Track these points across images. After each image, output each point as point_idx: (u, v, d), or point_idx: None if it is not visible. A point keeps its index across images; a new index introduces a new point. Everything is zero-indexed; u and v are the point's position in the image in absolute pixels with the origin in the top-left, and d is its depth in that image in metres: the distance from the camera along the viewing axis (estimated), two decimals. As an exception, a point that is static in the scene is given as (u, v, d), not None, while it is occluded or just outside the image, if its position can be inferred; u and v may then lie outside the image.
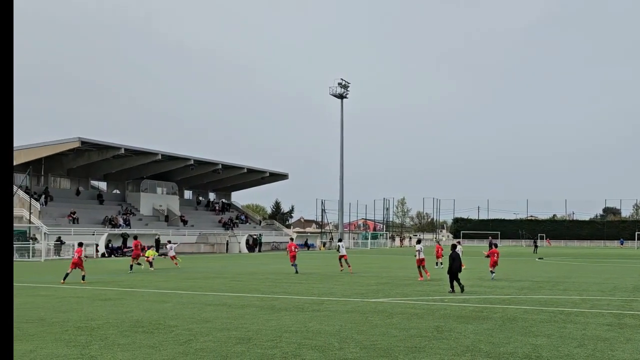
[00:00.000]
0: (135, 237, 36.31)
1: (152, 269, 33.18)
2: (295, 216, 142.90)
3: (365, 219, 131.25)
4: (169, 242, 40.19)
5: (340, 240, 36.33)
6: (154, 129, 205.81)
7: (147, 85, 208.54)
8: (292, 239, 34.63)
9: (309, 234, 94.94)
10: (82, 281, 24.27)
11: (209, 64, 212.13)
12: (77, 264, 24.70)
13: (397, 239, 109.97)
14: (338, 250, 32.50)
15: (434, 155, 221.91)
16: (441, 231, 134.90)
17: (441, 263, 33.09)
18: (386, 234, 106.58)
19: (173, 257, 37.45)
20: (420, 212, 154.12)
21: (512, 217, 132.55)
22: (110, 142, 62.47)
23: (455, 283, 20.87)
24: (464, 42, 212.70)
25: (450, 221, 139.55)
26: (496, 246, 28.20)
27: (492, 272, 26.85)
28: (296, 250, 31.29)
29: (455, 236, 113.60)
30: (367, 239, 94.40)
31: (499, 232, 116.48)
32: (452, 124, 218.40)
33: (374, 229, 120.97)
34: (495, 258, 26.94)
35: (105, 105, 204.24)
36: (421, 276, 25.98)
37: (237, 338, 11.48)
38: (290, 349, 10.46)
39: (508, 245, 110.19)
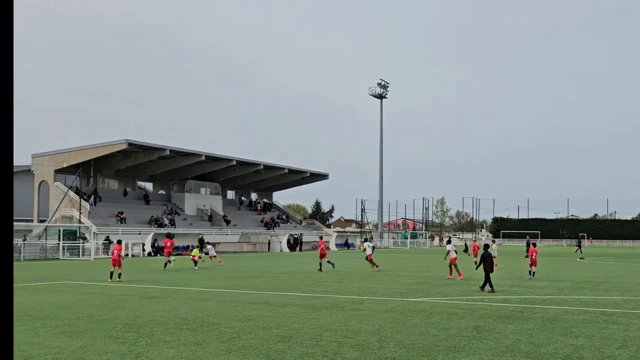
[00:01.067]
0: (168, 236, 36.93)
1: (196, 268, 33.60)
2: (335, 216, 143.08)
3: (405, 219, 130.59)
4: (208, 243, 41.24)
5: (366, 240, 36.39)
6: (196, 131, 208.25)
7: (189, 88, 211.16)
8: (321, 238, 35.31)
9: (349, 234, 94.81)
10: (118, 279, 24.34)
11: (250, 67, 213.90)
12: (117, 262, 24.62)
13: (437, 239, 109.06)
14: (364, 250, 32.65)
15: (473, 155, 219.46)
16: (481, 231, 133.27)
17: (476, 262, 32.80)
18: (425, 233, 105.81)
19: (213, 257, 38.33)
20: (460, 212, 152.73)
21: (552, 216, 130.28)
22: (156, 143, 63.38)
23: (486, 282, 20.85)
24: (499, 37, 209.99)
25: (489, 221, 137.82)
26: (534, 245, 27.71)
27: (531, 272, 26.43)
28: (326, 248, 31.75)
29: (495, 236, 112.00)
30: (407, 238, 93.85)
31: (539, 232, 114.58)
32: (492, 123, 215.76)
33: (414, 229, 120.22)
34: (534, 257, 26.53)
35: (150, 107, 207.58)
36: (451, 274, 26.11)
37: (278, 336, 11.54)
38: (331, 347, 10.47)
39: (548, 245, 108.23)
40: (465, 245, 58.01)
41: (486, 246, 21.82)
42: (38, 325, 12.81)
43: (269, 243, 68.09)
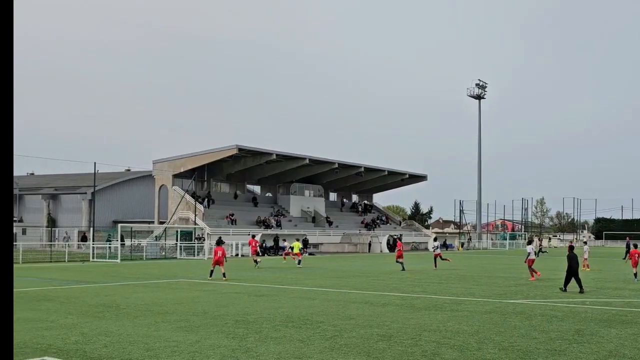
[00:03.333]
0: (253, 236, 38.46)
1: (299, 266, 34.53)
2: (434, 217, 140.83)
3: (504, 219, 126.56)
4: (284, 240, 43.59)
5: (435, 240, 37.30)
6: (299, 135, 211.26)
7: (292, 94, 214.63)
8: (400, 239, 35.96)
9: (447, 235, 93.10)
10: (209, 278, 24.77)
11: (349, 72, 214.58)
12: (219, 262, 24.79)
13: (536, 240, 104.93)
14: (434, 250, 34.30)
15: (573, 154, 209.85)
16: (582, 232, 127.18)
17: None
18: (525, 234, 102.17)
19: (286, 255, 40.37)
20: (560, 212, 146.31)
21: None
22: (264, 148, 64.89)
23: (575, 283, 20.46)
24: (596, 34, 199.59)
25: (591, 221, 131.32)
26: (635, 246, 26.11)
27: (635, 274, 24.97)
28: (402, 249, 32.75)
29: (598, 237, 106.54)
30: (505, 239, 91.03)
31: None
32: (592, 122, 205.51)
33: (512, 230, 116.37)
34: (636, 259, 25.07)
35: (257, 113, 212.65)
36: (532, 276, 25.39)
37: (379, 335, 11.53)
38: (430, 347, 10.34)
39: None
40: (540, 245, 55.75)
41: (571, 247, 21.25)
42: (158, 320, 13.43)
43: (369, 244, 68.03)
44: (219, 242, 26.62)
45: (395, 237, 71.06)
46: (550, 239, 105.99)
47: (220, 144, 63.15)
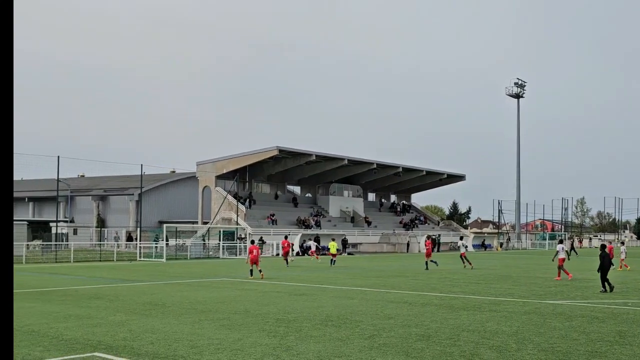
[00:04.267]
0: (286, 237, 39.26)
1: (333, 265, 35.36)
2: (472, 217, 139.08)
3: (543, 219, 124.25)
4: (310, 239, 44.97)
5: (461, 239, 37.67)
6: (337, 136, 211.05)
7: (331, 93, 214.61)
8: (428, 237, 38.10)
9: (485, 235, 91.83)
10: (250, 277, 24.98)
11: (385, 69, 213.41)
12: (255, 261, 25.04)
13: (576, 240, 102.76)
14: (459, 249, 35.45)
15: (615, 153, 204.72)
16: (624, 232, 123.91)
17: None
18: (564, 234, 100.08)
19: (312, 253, 41.30)
20: (601, 212, 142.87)
21: None
22: (303, 149, 65.10)
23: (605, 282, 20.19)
24: (635, 30, 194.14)
25: (633, 221, 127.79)
26: None
27: None
28: (431, 248, 33.90)
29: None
30: (545, 239, 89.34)
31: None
32: (633, 119, 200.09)
33: (552, 230, 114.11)
34: None
35: (296, 114, 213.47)
36: (559, 276, 25.19)
37: (417, 335, 11.45)
38: (468, 347, 10.23)
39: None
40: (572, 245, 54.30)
41: (602, 246, 21.08)
42: (202, 318, 13.60)
43: (407, 244, 67.62)
44: (254, 241, 27.67)
45: (432, 237, 70.57)
46: (590, 239, 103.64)
47: (260, 145, 63.78)
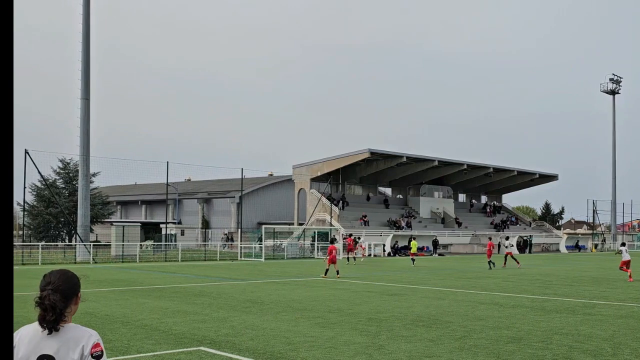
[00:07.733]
0: (332, 242, 33.18)
1: (413, 265, 35.49)
2: (565, 217, 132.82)
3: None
4: (359, 237, 46.43)
5: (507, 239, 37.56)
6: (428, 137, 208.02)
7: (420, 95, 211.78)
8: (490, 239, 37.23)
9: (579, 236, 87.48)
10: (323, 276, 25.08)
11: (473, 71, 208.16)
12: (334, 260, 25.17)
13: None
14: (506, 247, 36.78)
15: None
16: None
17: None
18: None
19: (351, 250, 41.57)
20: None
21: None
22: (394, 151, 64.71)
23: None
24: None
25: None
26: None
27: None
28: (492, 248, 34.04)
29: None
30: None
31: None
32: None
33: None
34: None
35: (387, 116, 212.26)
36: (630, 277, 24.81)
37: (508, 337, 11.11)
38: (561, 351, 9.81)
39: None
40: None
41: None
42: (298, 316, 13.83)
43: (499, 245, 65.59)
44: (333, 241, 27.32)
45: (524, 238, 68.06)
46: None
47: (353, 148, 63.88)
